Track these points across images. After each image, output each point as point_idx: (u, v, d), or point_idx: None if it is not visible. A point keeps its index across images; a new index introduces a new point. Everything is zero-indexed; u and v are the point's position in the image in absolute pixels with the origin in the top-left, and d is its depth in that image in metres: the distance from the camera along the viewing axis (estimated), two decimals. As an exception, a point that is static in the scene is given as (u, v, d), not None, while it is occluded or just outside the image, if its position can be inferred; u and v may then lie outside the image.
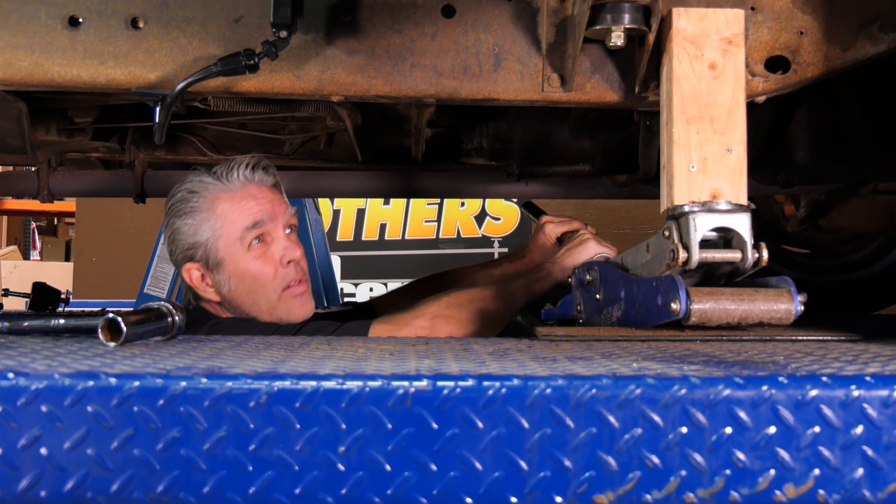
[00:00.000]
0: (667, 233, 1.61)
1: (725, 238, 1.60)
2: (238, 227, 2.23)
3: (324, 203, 6.60)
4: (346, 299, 6.98)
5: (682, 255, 1.56)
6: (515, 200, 6.79)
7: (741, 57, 1.66)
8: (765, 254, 1.57)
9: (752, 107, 1.82)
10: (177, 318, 1.54)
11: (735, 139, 1.63)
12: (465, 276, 2.87)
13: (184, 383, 1.01)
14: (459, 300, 2.27)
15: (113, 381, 1.01)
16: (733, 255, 1.58)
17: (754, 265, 1.57)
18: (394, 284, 7.05)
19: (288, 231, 2.31)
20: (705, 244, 1.58)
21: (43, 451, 0.99)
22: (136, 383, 1.01)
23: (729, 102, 1.64)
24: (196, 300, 2.38)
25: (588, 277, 1.97)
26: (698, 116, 1.64)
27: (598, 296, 1.94)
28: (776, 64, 1.84)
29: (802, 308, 1.54)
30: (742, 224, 1.59)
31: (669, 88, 1.66)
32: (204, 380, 1.01)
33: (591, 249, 2.34)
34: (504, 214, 7.00)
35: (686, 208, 1.60)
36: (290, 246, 2.27)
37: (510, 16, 1.83)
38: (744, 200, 1.61)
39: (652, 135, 2.30)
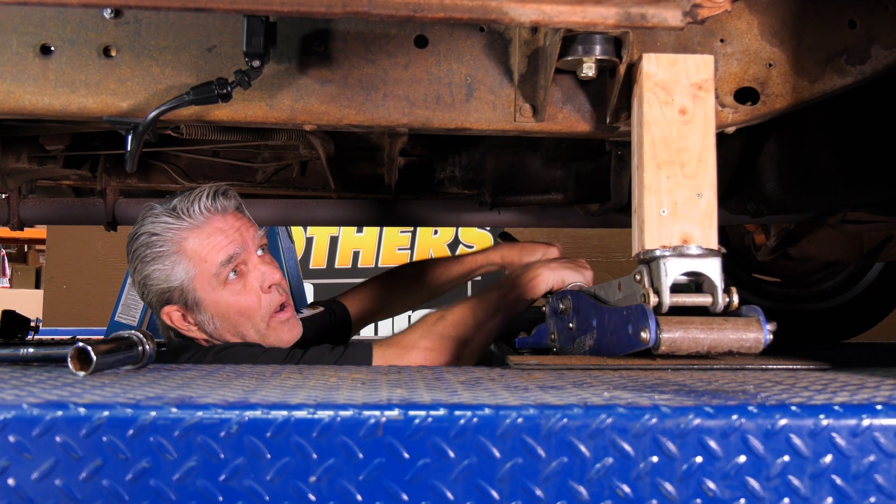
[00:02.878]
0: (638, 276, 1.62)
1: (696, 282, 1.61)
2: (212, 265, 2.14)
3: (297, 231, 6.59)
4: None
5: (654, 299, 1.57)
6: (489, 229, 6.80)
7: (711, 102, 1.68)
8: (735, 298, 1.58)
9: (722, 137, 1.84)
10: (147, 346, 1.53)
11: (705, 184, 1.65)
12: (431, 269, 2.92)
13: (154, 413, 1.00)
14: (464, 318, 2.21)
15: (82, 410, 1.00)
16: (704, 300, 1.59)
17: (725, 309, 1.58)
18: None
19: (260, 253, 2.24)
20: (676, 288, 1.59)
21: (10, 481, 0.98)
22: (106, 413, 1.00)
23: (699, 147, 1.66)
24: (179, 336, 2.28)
25: (561, 306, 1.98)
26: (669, 161, 1.65)
27: (571, 325, 1.94)
28: (745, 95, 1.86)
29: (771, 337, 1.55)
30: (713, 269, 1.60)
31: (640, 133, 1.67)
32: (174, 409, 1.00)
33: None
34: (477, 242, 7.01)
35: (657, 253, 1.61)
36: (268, 270, 2.20)
37: (483, 46, 1.84)
38: (714, 245, 1.62)
39: (623, 164, 2.32)
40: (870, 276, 3.65)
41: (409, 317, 7.04)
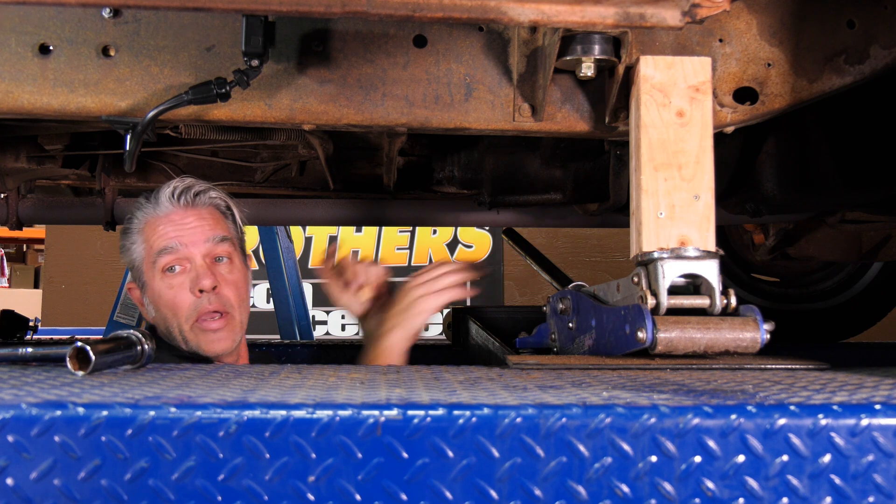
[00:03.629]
0: (635, 279, 1.63)
1: (694, 283, 1.62)
2: (152, 252, 2.22)
3: (296, 231, 6.59)
4: (317, 327, 6.97)
5: (651, 301, 1.57)
6: (488, 229, 6.81)
7: (708, 104, 1.68)
8: (733, 300, 1.59)
9: (721, 137, 1.84)
10: (146, 346, 1.53)
11: (703, 186, 1.65)
12: None
13: (153, 413, 1.00)
14: None
15: (81, 410, 1.00)
16: (702, 302, 1.59)
17: (723, 311, 1.59)
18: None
19: (220, 260, 2.24)
20: (674, 290, 1.60)
21: (9, 481, 0.98)
22: (105, 413, 1.00)
23: (696, 150, 1.66)
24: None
25: (561, 306, 1.98)
26: (666, 164, 1.65)
27: (570, 324, 1.94)
28: (744, 95, 1.86)
29: (768, 336, 1.55)
30: (710, 271, 1.60)
31: (637, 136, 1.67)
32: (173, 409, 1.00)
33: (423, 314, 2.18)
34: (476, 242, 7.02)
35: (654, 255, 1.61)
36: (203, 274, 2.19)
37: (482, 46, 1.84)
38: (712, 247, 1.63)
39: (622, 164, 2.32)
40: (868, 276, 3.65)
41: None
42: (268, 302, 6.53)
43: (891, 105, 2.25)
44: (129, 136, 1.78)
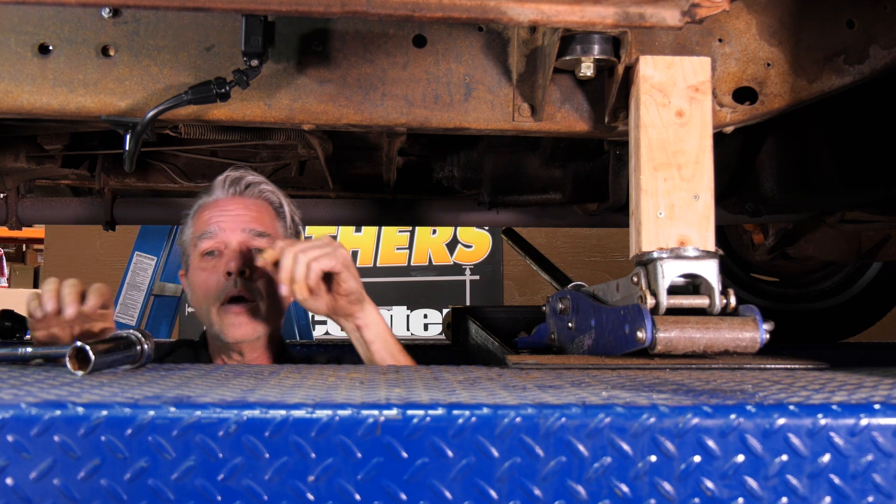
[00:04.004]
0: (635, 279, 1.63)
1: (693, 283, 1.62)
2: (195, 234, 2.24)
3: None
4: (317, 327, 6.96)
5: (651, 301, 1.58)
6: (487, 228, 6.81)
7: (708, 104, 1.68)
8: (732, 300, 1.59)
9: (720, 137, 1.84)
10: (146, 346, 1.53)
11: (702, 186, 1.65)
12: None
13: (152, 412, 1.00)
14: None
15: (80, 410, 1.00)
16: (701, 302, 1.59)
17: (722, 311, 1.59)
18: (365, 312, 7.03)
19: (259, 252, 2.16)
20: (674, 289, 1.60)
21: (9, 481, 0.98)
22: (104, 412, 1.00)
23: (696, 150, 1.66)
24: None
25: (561, 306, 1.98)
26: (666, 164, 1.65)
27: (570, 324, 1.94)
28: (744, 95, 1.86)
29: (768, 336, 1.55)
30: (710, 270, 1.60)
31: (637, 136, 1.68)
32: (172, 409, 1.00)
33: None
34: (476, 242, 7.02)
35: (654, 255, 1.61)
36: (233, 257, 2.17)
37: (481, 46, 1.84)
38: (711, 247, 1.63)
39: (622, 164, 2.32)
40: (868, 276, 3.66)
41: (408, 315, 7.06)
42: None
43: (890, 105, 2.25)
44: (128, 136, 1.78)
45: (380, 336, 2.00)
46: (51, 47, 1.79)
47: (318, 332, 7.08)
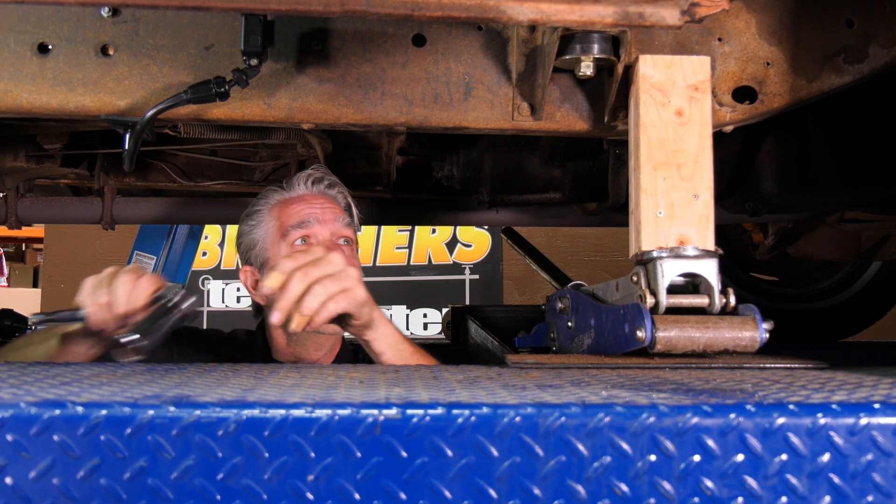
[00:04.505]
0: (634, 278, 1.63)
1: (693, 283, 1.62)
2: (284, 226, 2.27)
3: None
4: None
5: (650, 300, 1.58)
6: (487, 228, 6.81)
7: (707, 103, 1.68)
8: (732, 299, 1.59)
9: (720, 136, 1.84)
10: (180, 295, 1.53)
11: (702, 185, 1.65)
12: None
13: (151, 412, 1.00)
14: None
15: (80, 409, 1.00)
16: (700, 301, 1.59)
17: (722, 310, 1.59)
18: (365, 311, 7.04)
19: (342, 243, 2.29)
20: (673, 289, 1.60)
21: (8, 480, 0.98)
22: (104, 412, 1.00)
23: (696, 149, 1.66)
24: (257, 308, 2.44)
25: (560, 305, 1.98)
26: (665, 163, 1.65)
27: (569, 324, 1.94)
28: (743, 94, 1.86)
29: (768, 336, 1.55)
30: (709, 270, 1.60)
31: (636, 135, 1.68)
32: (172, 408, 1.00)
33: None
34: (475, 241, 7.02)
35: (654, 254, 1.61)
36: (334, 247, 2.19)
37: (480, 45, 1.84)
38: (711, 246, 1.63)
39: (621, 163, 2.32)
40: (867, 276, 3.66)
41: (407, 315, 7.06)
42: (267, 301, 6.51)
43: (890, 104, 2.26)
44: (127, 136, 1.78)
45: (391, 346, 1.95)
46: (50, 46, 1.79)
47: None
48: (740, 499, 1.02)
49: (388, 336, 1.96)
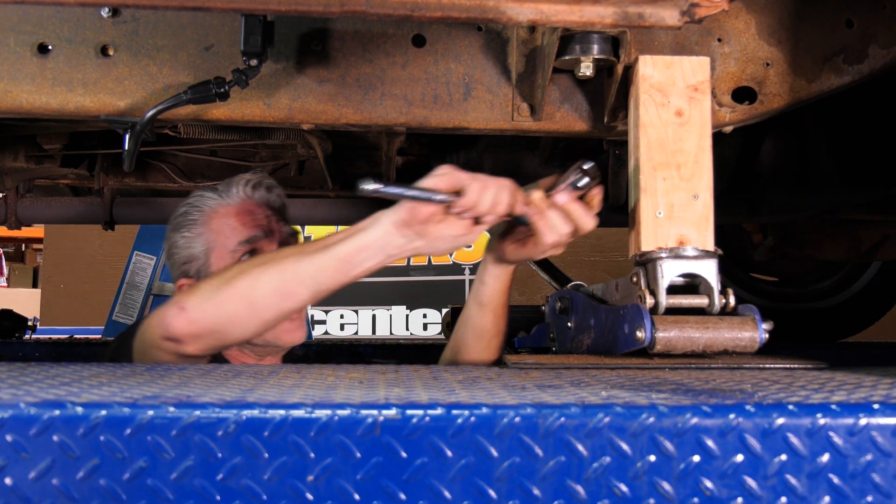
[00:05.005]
0: (634, 278, 1.63)
1: (693, 283, 1.62)
2: (231, 241, 2.15)
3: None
4: (316, 327, 6.97)
5: (650, 300, 1.58)
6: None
7: (707, 104, 1.68)
8: (731, 299, 1.59)
9: (719, 137, 1.84)
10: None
11: (702, 186, 1.65)
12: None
13: (151, 412, 1.00)
14: (206, 283, 1.80)
15: (79, 410, 1.00)
16: (700, 301, 1.59)
17: (721, 310, 1.59)
18: (364, 312, 7.05)
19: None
20: (673, 289, 1.60)
21: (7, 481, 0.98)
22: (103, 412, 1.00)
23: (695, 149, 1.66)
24: None
25: (560, 306, 1.98)
26: (665, 163, 1.66)
27: (569, 324, 1.94)
28: (743, 95, 1.86)
29: (767, 336, 1.55)
30: (709, 270, 1.61)
31: (636, 135, 1.68)
32: (171, 409, 1.00)
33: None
34: (475, 241, 7.01)
35: (653, 254, 1.62)
36: None
37: (480, 46, 1.84)
38: (710, 246, 1.63)
39: (621, 163, 2.32)
40: (867, 276, 3.66)
41: (407, 315, 7.06)
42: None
43: (890, 105, 2.26)
44: (127, 136, 1.78)
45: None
46: (50, 47, 1.79)
47: (317, 331, 7.09)
48: (740, 499, 1.02)
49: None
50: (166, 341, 1.73)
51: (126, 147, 1.78)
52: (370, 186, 1.55)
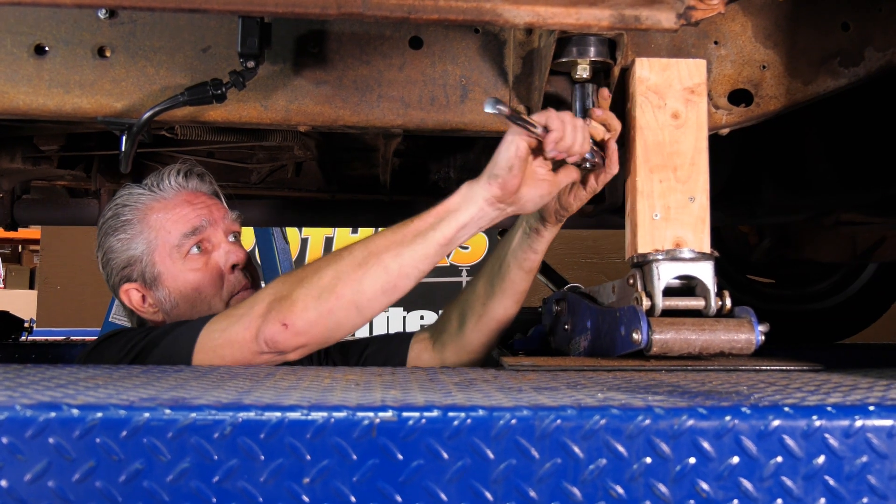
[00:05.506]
0: (631, 280, 1.63)
1: (689, 285, 1.62)
2: (174, 235, 2.06)
3: (292, 232, 6.59)
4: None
5: (646, 303, 1.58)
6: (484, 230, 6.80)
7: (703, 106, 1.68)
8: (728, 301, 1.59)
9: (716, 139, 1.84)
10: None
11: (698, 188, 1.66)
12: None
13: (147, 414, 1.00)
14: (303, 273, 1.76)
15: (75, 412, 1.00)
16: (696, 303, 1.60)
17: (718, 312, 1.59)
18: (361, 313, 7.04)
19: (231, 239, 2.13)
20: (669, 291, 1.60)
21: (3, 483, 0.98)
22: (99, 414, 1.00)
23: (692, 151, 1.67)
24: (141, 325, 2.15)
25: (557, 308, 1.98)
26: (661, 165, 1.66)
27: (566, 326, 1.94)
28: (739, 97, 1.87)
29: (763, 338, 1.56)
30: (705, 272, 1.61)
31: (633, 137, 1.68)
32: (168, 411, 1.00)
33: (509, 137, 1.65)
34: (472, 243, 7.01)
35: (650, 257, 1.62)
36: (233, 249, 2.09)
37: (477, 48, 1.84)
38: (707, 248, 1.63)
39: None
40: (864, 277, 3.66)
41: (404, 317, 7.06)
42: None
43: (886, 107, 2.26)
44: (124, 137, 1.78)
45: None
46: (47, 48, 1.79)
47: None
48: (736, 501, 1.03)
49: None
50: (265, 354, 1.73)
51: (123, 148, 1.78)
52: (495, 108, 1.54)
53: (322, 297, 1.69)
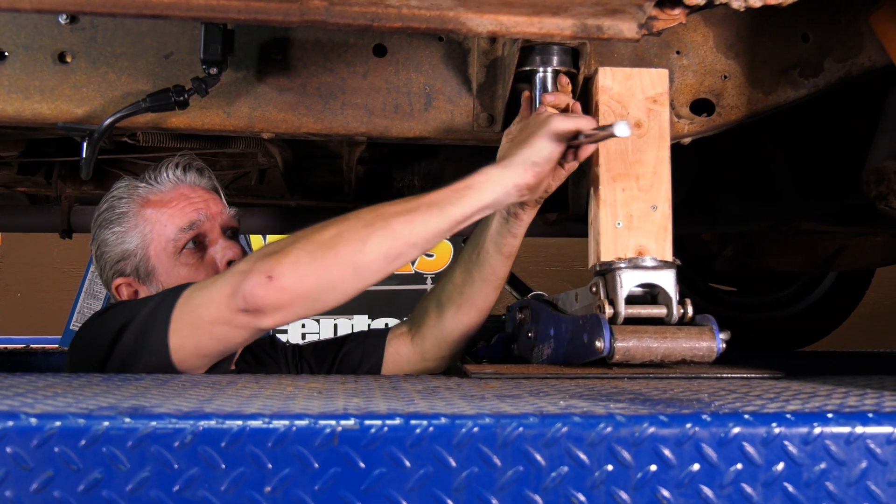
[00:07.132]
0: (594, 288, 1.64)
1: (651, 293, 1.63)
2: (170, 230, 1.99)
3: (256, 239, 6.56)
4: (277, 335, 6.91)
5: (609, 311, 1.59)
6: (448, 238, 6.80)
7: (666, 115, 1.70)
8: (689, 309, 1.61)
9: (678, 148, 1.85)
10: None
11: (660, 197, 1.67)
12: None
13: (106, 423, 0.99)
14: (302, 231, 1.66)
15: (33, 421, 0.99)
16: (659, 312, 1.61)
17: (680, 320, 1.60)
18: (325, 321, 7.02)
19: (235, 233, 2.09)
20: (632, 299, 1.61)
21: (-41, 493, 0.97)
22: (58, 423, 0.99)
23: (654, 161, 1.68)
24: None
25: (520, 315, 1.99)
26: (624, 174, 1.67)
27: (529, 334, 1.95)
28: (701, 107, 1.88)
29: (724, 346, 1.57)
30: (667, 280, 1.62)
31: (596, 146, 1.69)
32: (127, 419, 0.99)
33: (550, 128, 1.62)
34: (437, 251, 7.01)
35: (612, 265, 1.63)
36: (230, 246, 2.02)
37: (441, 56, 1.85)
38: (669, 257, 1.65)
39: (581, 174, 2.33)
40: (824, 286, 3.70)
41: (369, 324, 7.04)
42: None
43: (846, 117, 2.29)
44: (85, 144, 1.77)
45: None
46: (6, 53, 1.78)
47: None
48: (696, 508, 1.03)
49: None
50: (242, 314, 1.61)
51: (84, 155, 1.77)
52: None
53: (318, 252, 1.59)
